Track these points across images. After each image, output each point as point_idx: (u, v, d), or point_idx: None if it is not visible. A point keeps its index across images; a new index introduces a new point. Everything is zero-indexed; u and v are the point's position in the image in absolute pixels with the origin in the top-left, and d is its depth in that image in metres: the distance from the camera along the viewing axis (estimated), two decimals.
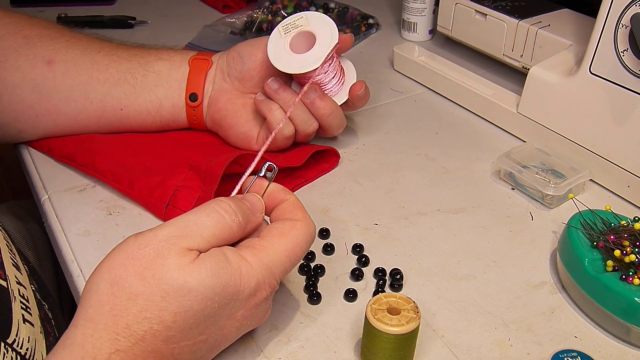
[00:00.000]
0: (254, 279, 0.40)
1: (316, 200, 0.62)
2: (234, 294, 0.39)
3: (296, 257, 0.43)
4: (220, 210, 0.41)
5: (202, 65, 0.65)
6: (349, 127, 0.73)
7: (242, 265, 0.40)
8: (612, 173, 0.62)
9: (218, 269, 0.38)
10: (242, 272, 0.40)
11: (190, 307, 0.38)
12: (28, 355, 0.45)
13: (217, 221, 0.40)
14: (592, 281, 0.48)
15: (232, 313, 0.40)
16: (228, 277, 0.39)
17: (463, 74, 0.78)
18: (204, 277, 0.38)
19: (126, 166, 0.61)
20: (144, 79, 0.64)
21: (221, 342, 0.42)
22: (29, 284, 0.52)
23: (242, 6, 1.03)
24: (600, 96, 0.61)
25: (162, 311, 0.37)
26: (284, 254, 0.42)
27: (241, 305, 0.41)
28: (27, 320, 0.47)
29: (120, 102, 0.64)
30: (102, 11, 1.02)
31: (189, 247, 0.39)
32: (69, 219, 0.58)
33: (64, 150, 0.64)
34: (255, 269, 0.40)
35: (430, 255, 0.55)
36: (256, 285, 0.40)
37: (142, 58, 0.64)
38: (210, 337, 0.40)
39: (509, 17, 0.76)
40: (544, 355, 0.46)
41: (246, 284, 0.40)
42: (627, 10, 0.57)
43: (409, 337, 0.42)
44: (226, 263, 0.39)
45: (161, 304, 0.37)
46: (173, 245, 0.38)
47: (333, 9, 1.00)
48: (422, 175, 0.66)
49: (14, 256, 0.52)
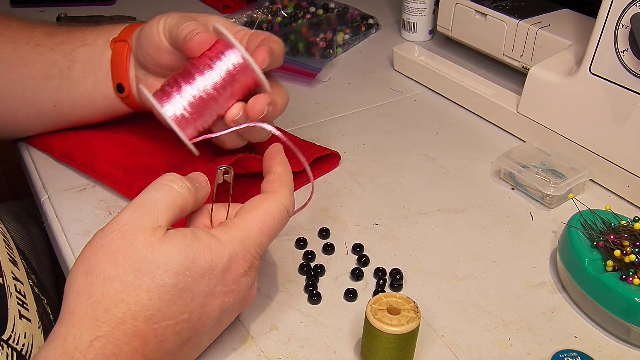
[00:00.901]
0: (225, 253, 0.41)
1: (316, 200, 0.62)
2: (206, 269, 0.40)
3: (270, 229, 0.43)
4: (165, 181, 0.43)
5: (122, 49, 0.59)
6: (349, 127, 0.73)
7: (212, 242, 0.41)
8: (612, 173, 0.62)
9: (185, 244, 0.39)
10: (212, 247, 0.41)
11: (163, 281, 0.38)
12: (25, 351, 0.46)
13: (166, 191, 0.42)
14: (592, 281, 0.48)
15: (210, 289, 0.41)
16: (196, 251, 0.40)
17: (463, 74, 0.78)
18: (171, 252, 0.39)
19: (125, 166, 0.61)
20: (69, 71, 0.60)
21: (205, 322, 0.42)
22: (27, 279, 0.52)
23: (242, 6, 1.03)
24: (600, 96, 0.61)
25: (136, 290, 0.38)
26: (256, 227, 0.43)
27: (218, 280, 0.41)
28: (23, 316, 0.47)
29: (52, 99, 0.61)
30: (102, 11, 1.02)
31: (152, 225, 0.40)
32: (68, 219, 0.58)
33: (63, 148, 0.64)
34: (226, 244, 0.41)
35: (430, 255, 0.55)
36: (229, 260, 0.41)
37: (68, 46, 0.60)
38: (192, 315, 0.40)
39: (509, 17, 0.76)
40: (544, 355, 0.46)
41: (217, 258, 0.40)
42: (627, 10, 0.57)
43: (409, 337, 0.42)
44: (194, 239, 0.40)
45: (135, 283, 0.38)
46: (136, 225, 0.40)
47: (333, 9, 1.00)
48: (422, 175, 0.65)
49: (11, 251, 0.52)
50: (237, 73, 0.50)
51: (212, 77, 0.50)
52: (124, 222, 0.40)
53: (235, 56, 0.50)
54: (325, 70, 0.85)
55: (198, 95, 0.50)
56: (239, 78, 0.51)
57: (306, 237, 0.56)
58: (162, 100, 0.50)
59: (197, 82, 0.50)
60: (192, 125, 0.51)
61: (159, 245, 0.39)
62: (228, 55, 0.50)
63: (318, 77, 0.82)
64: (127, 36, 0.59)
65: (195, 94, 0.50)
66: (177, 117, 0.50)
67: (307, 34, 0.93)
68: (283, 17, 0.98)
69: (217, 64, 0.50)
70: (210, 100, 0.50)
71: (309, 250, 0.55)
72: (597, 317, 0.49)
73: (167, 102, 0.50)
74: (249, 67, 0.50)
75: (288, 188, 0.45)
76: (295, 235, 0.57)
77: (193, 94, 0.50)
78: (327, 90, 0.81)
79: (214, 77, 0.50)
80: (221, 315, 0.43)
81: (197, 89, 0.50)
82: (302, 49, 0.89)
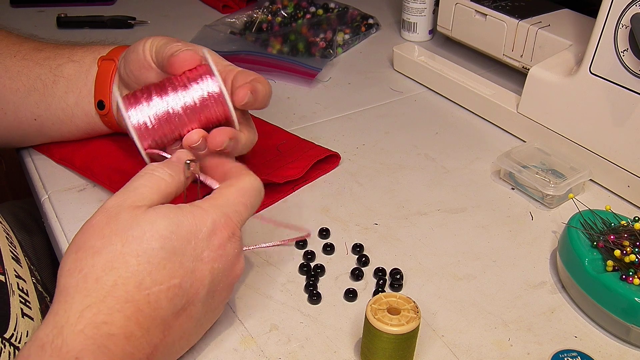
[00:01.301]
0: (208, 218, 0.42)
1: (316, 200, 0.62)
2: (191, 232, 0.41)
3: (247, 199, 0.45)
4: (147, 170, 0.44)
5: (108, 68, 0.59)
6: (349, 127, 0.73)
7: (194, 209, 0.42)
8: (612, 173, 0.62)
9: (168, 211, 0.41)
10: (195, 214, 0.42)
11: (150, 246, 0.40)
12: None
13: (148, 177, 0.44)
14: (592, 281, 0.48)
15: (197, 254, 0.42)
16: (180, 217, 0.41)
17: (463, 74, 0.78)
18: (156, 219, 0.40)
19: (124, 169, 0.61)
20: (54, 85, 0.60)
21: (198, 289, 0.42)
22: (30, 277, 0.52)
23: (242, 6, 1.03)
24: (600, 96, 0.61)
25: (125, 256, 0.39)
26: (234, 196, 0.44)
27: (204, 245, 0.42)
28: (26, 314, 0.47)
29: (33, 112, 0.61)
30: (102, 11, 1.01)
31: (136, 204, 0.42)
32: (69, 219, 0.58)
33: (63, 152, 0.64)
34: (208, 209, 0.43)
35: (430, 255, 0.55)
36: (212, 224, 0.42)
37: (54, 61, 0.61)
38: (183, 280, 0.41)
39: (509, 17, 0.76)
40: (544, 355, 0.46)
41: (201, 222, 0.42)
42: (627, 10, 0.57)
43: (409, 337, 0.42)
44: (177, 208, 0.42)
45: (123, 250, 0.39)
46: (121, 205, 0.41)
47: (333, 9, 1.00)
48: (422, 175, 0.65)
49: (14, 249, 0.52)
50: (209, 101, 0.50)
51: (185, 97, 0.50)
52: (109, 206, 0.42)
53: (212, 84, 0.50)
54: (325, 70, 0.85)
55: (165, 109, 0.50)
56: (210, 107, 0.50)
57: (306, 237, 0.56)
58: (129, 105, 0.50)
59: (168, 97, 0.50)
60: (151, 136, 0.50)
61: (143, 214, 0.41)
62: (206, 81, 0.50)
63: (318, 77, 0.82)
64: (116, 55, 0.59)
65: (163, 108, 0.50)
66: (140, 124, 0.50)
67: (307, 34, 0.93)
68: (283, 17, 0.98)
69: (193, 87, 0.50)
70: (174, 118, 0.50)
71: (309, 250, 0.55)
72: (597, 317, 0.49)
73: (134, 107, 0.50)
74: (222, 99, 0.50)
75: (252, 173, 0.47)
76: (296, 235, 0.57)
77: (161, 107, 0.50)
78: (327, 90, 0.81)
79: (186, 98, 0.50)
80: (212, 283, 0.43)
81: (167, 104, 0.50)
82: (302, 49, 0.89)
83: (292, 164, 0.63)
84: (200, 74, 0.50)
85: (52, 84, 0.60)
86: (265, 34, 0.92)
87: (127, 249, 0.39)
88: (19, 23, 0.96)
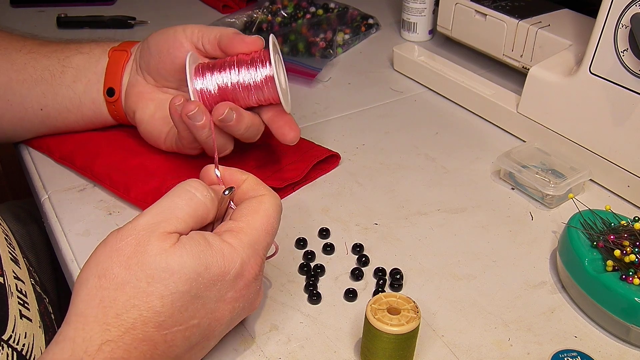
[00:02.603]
0: (238, 258, 0.41)
1: (316, 200, 0.62)
2: (219, 275, 0.40)
3: (273, 230, 0.44)
4: (190, 189, 0.42)
5: (120, 57, 0.61)
6: (349, 127, 0.73)
7: (224, 247, 0.41)
8: (612, 173, 0.62)
9: (199, 250, 0.39)
10: (225, 253, 0.40)
11: (176, 289, 0.38)
12: (25, 351, 0.46)
13: (188, 199, 0.41)
14: (592, 281, 0.48)
15: (221, 295, 0.41)
16: (210, 258, 0.40)
17: (463, 74, 0.78)
18: (185, 259, 0.38)
19: (125, 169, 0.61)
20: (62, 75, 0.61)
21: (215, 327, 0.42)
22: (29, 278, 0.52)
23: (242, 6, 1.03)
24: (600, 96, 0.61)
25: (149, 296, 0.38)
26: (262, 229, 0.43)
27: (230, 286, 0.41)
28: (24, 315, 0.47)
29: (39, 102, 0.62)
30: (102, 11, 1.01)
31: (168, 230, 0.39)
32: (69, 219, 0.58)
33: (63, 151, 0.64)
34: (238, 249, 0.41)
35: (430, 255, 0.55)
36: (241, 265, 0.41)
37: (62, 53, 0.62)
38: (202, 321, 0.40)
39: (509, 17, 0.76)
40: (544, 355, 0.46)
41: (230, 264, 0.40)
42: (627, 10, 0.57)
43: (409, 337, 0.42)
44: (207, 245, 0.40)
45: (147, 289, 0.38)
46: (152, 232, 0.39)
47: (333, 9, 1.00)
48: (422, 175, 0.65)
49: (12, 250, 0.52)
50: (263, 84, 0.55)
51: (244, 76, 0.55)
52: (141, 228, 0.39)
53: (269, 69, 0.55)
54: (325, 70, 0.85)
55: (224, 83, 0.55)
56: (263, 89, 0.55)
57: (306, 237, 0.56)
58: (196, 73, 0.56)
59: (229, 74, 0.55)
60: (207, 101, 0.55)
61: (172, 251, 0.38)
62: (264, 67, 0.55)
63: (318, 77, 0.82)
64: (128, 47, 0.61)
65: (224, 81, 0.55)
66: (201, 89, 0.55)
67: (307, 34, 0.93)
68: (283, 17, 0.98)
69: (252, 69, 0.55)
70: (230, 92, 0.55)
71: (309, 250, 0.55)
72: (597, 317, 0.49)
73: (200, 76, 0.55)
74: (274, 85, 0.54)
75: (270, 188, 0.46)
76: (295, 235, 0.57)
77: (222, 80, 0.55)
78: (327, 90, 0.81)
79: (245, 77, 0.55)
80: (231, 320, 0.43)
81: (227, 79, 0.55)
82: (302, 49, 0.89)
83: (291, 165, 0.63)
84: (261, 58, 0.55)
85: (60, 74, 0.61)
86: (265, 34, 0.92)
87: (151, 288, 0.38)
88: (19, 23, 0.97)
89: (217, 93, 0.55)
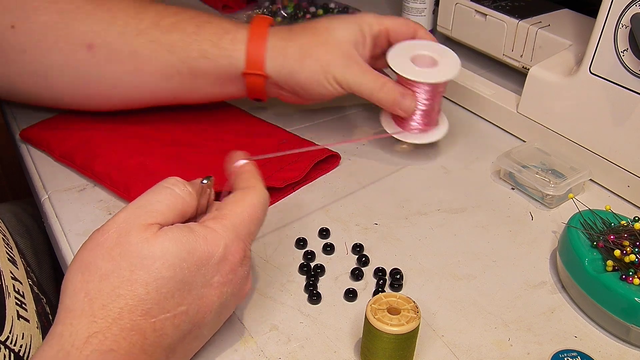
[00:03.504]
0: (221, 242, 0.41)
1: (316, 200, 0.62)
2: (203, 259, 0.40)
3: (257, 219, 0.44)
4: (167, 185, 0.43)
5: (259, 84, 0.63)
6: (349, 127, 0.73)
7: (207, 233, 0.41)
8: (612, 173, 0.62)
9: (181, 236, 0.40)
10: (208, 238, 0.41)
11: (160, 275, 0.38)
12: (22, 352, 0.46)
13: (167, 194, 0.42)
14: (592, 281, 0.48)
15: (207, 280, 0.41)
16: (192, 243, 0.40)
17: (463, 74, 0.78)
18: (167, 245, 0.39)
19: (125, 168, 0.61)
20: (193, 79, 0.62)
21: (205, 314, 0.42)
22: (26, 279, 0.52)
23: (242, 6, 1.03)
24: (600, 96, 0.61)
25: (133, 284, 0.38)
26: (246, 216, 0.43)
27: (214, 270, 0.41)
28: (21, 316, 0.47)
29: (173, 94, 0.63)
30: None
31: (149, 222, 0.40)
32: (69, 218, 0.58)
33: (63, 149, 0.64)
34: (221, 233, 0.41)
35: (430, 255, 0.55)
36: (224, 249, 0.41)
37: (184, 51, 0.60)
38: (190, 307, 0.40)
39: (509, 17, 0.76)
40: (544, 355, 0.46)
41: (214, 248, 0.41)
42: (627, 10, 0.57)
43: (409, 337, 0.42)
44: (189, 231, 0.40)
45: (131, 277, 0.38)
46: (132, 223, 0.40)
47: (333, 9, 1.00)
48: (422, 175, 0.65)
49: (10, 250, 0.52)
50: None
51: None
52: (121, 220, 0.40)
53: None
54: None
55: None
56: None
57: (306, 237, 0.56)
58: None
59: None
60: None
61: (154, 238, 0.39)
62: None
63: None
64: (260, 69, 0.61)
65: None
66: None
67: None
68: (283, 17, 0.98)
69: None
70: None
71: (309, 250, 0.55)
72: (597, 317, 0.49)
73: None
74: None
75: (262, 183, 0.47)
76: (295, 236, 0.57)
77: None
78: None
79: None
80: (220, 307, 0.43)
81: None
82: None
83: (292, 165, 0.63)
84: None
85: (191, 77, 0.62)
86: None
87: (135, 276, 0.38)
88: None
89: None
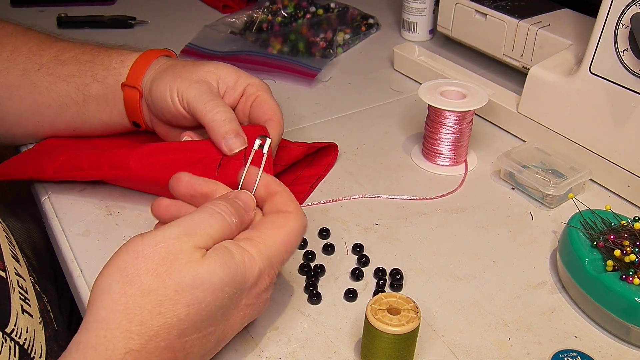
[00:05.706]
0: (256, 268, 0.42)
1: (316, 200, 0.62)
2: (240, 284, 0.41)
3: (292, 247, 0.45)
4: (221, 211, 0.43)
5: (134, 97, 0.60)
6: (349, 127, 0.73)
7: (245, 256, 0.41)
8: (612, 173, 0.62)
9: (226, 260, 0.40)
10: (246, 262, 0.41)
11: (203, 299, 0.39)
12: (27, 345, 0.46)
13: (220, 221, 0.42)
14: (592, 281, 0.48)
15: (237, 303, 0.42)
16: (235, 267, 0.40)
17: (463, 74, 0.78)
18: (214, 269, 0.39)
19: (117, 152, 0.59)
20: (85, 105, 0.62)
21: (227, 333, 0.43)
22: (29, 276, 0.53)
23: (242, 6, 1.03)
24: (600, 96, 0.61)
25: (175, 304, 0.38)
26: (281, 245, 0.44)
27: (245, 294, 0.42)
28: (25, 311, 0.48)
29: (69, 126, 0.63)
30: (102, 11, 1.01)
31: (199, 245, 0.40)
32: (69, 219, 0.58)
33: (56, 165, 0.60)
34: (257, 259, 0.42)
35: (430, 255, 0.55)
36: (258, 275, 0.42)
37: (79, 79, 0.61)
38: (218, 328, 0.41)
39: (509, 17, 0.76)
40: (544, 355, 0.46)
41: (250, 273, 0.41)
42: (627, 10, 0.57)
43: (409, 337, 0.42)
44: (231, 255, 0.41)
45: (175, 298, 0.38)
46: (184, 243, 0.39)
47: (333, 9, 1.00)
48: (422, 175, 0.65)
49: (13, 248, 0.52)
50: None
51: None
52: (173, 237, 0.39)
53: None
54: (325, 70, 0.85)
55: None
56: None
57: (306, 237, 0.56)
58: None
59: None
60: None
61: (202, 261, 0.39)
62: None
63: (318, 77, 0.82)
64: (137, 83, 0.60)
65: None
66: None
67: (307, 34, 0.93)
68: (283, 17, 0.98)
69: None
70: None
71: (309, 250, 0.55)
72: (597, 317, 0.49)
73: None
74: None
75: (300, 207, 0.46)
76: None
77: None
78: (327, 90, 0.81)
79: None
80: (241, 326, 0.44)
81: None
82: (302, 49, 0.89)
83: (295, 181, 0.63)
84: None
85: (83, 103, 0.62)
86: (266, 34, 0.92)
87: (179, 297, 0.38)
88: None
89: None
